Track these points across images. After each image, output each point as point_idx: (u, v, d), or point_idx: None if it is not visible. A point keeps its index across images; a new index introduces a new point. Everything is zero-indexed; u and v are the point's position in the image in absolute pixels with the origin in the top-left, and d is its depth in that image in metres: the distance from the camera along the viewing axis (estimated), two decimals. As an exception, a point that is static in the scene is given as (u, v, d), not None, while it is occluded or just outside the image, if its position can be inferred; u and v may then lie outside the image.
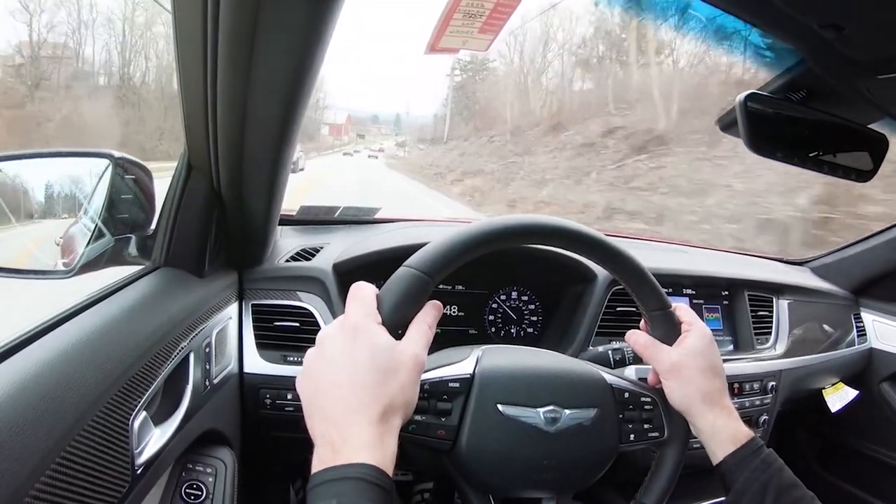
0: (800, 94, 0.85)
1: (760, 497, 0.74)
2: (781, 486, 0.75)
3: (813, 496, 0.75)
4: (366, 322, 0.63)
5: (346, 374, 0.60)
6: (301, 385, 0.64)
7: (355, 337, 0.62)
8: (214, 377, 0.96)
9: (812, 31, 0.65)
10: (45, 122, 18.28)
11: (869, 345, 1.77)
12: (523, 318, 1.46)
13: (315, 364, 0.63)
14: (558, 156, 17.67)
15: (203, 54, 0.73)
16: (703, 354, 0.80)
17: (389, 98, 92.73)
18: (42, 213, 0.88)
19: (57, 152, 0.93)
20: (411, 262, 0.70)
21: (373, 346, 0.62)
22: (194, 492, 0.87)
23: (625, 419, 0.82)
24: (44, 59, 20.91)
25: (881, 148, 0.89)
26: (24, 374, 0.57)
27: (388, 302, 0.67)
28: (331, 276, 1.23)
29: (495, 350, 0.84)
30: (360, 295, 0.66)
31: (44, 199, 0.90)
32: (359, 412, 0.59)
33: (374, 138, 54.98)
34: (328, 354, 0.62)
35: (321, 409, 0.60)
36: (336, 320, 0.65)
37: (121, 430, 0.65)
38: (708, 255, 1.85)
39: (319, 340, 0.64)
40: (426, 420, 0.76)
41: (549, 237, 0.78)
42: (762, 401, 1.42)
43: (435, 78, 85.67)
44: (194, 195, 0.95)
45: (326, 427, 0.59)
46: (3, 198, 0.87)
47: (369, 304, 0.66)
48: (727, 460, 0.78)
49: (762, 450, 0.77)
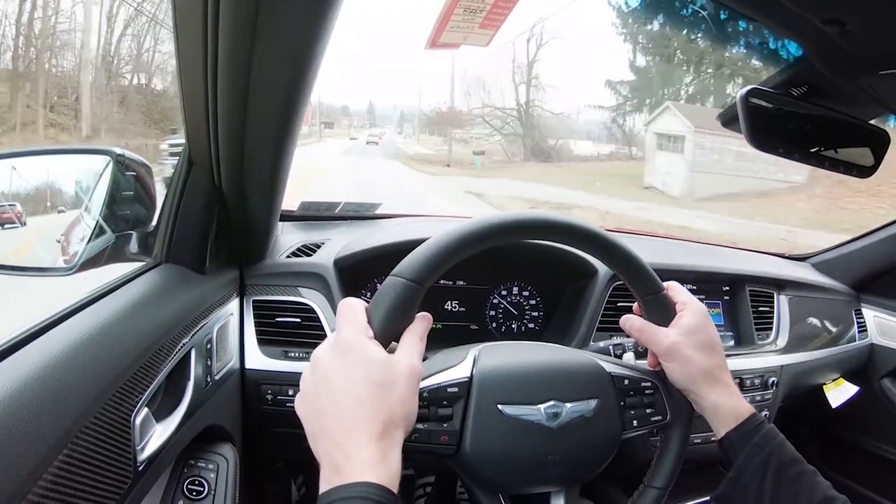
0: (801, 90, 0.84)
1: (762, 472, 0.74)
2: (783, 460, 0.75)
3: (814, 470, 0.75)
4: (357, 338, 0.62)
5: (342, 392, 0.60)
6: (300, 408, 0.63)
7: (348, 354, 0.61)
8: (216, 373, 0.96)
9: (814, 27, 0.65)
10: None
11: (870, 340, 1.77)
12: (524, 314, 1.46)
13: (311, 385, 0.63)
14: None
15: (203, 49, 0.73)
16: (699, 331, 0.80)
17: (359, 90, 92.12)
18: (44, 210, 0.89)
19: (58, 149, 0.93)
20: (398, 270, 0.68)
21: (367, 361, 0.61)
22: (196, 488, 0.87)
23: (626, 406, 0.82)
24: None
25: (883, 143, 0.89)
26: (26, 371, 0.57)
27: (378, 314, 0.66)
28: (332, 272, 1.23)
29: (491, 349, 0.84)
30: (350, 311, 0.65)
31: (46, 197, 0.90)
32: (359, 430, 0.58)
33: (343, 130, 54.33)
34: (323, 374, 0.61)
35: (322, 430, 0.60)
36: (327, 339, 0.65)
37: (123, 427, 0.65)
38: (709, 251, 1.85)
39: (313, 361, 0.63)
40: (428, 428, 0.75)
41: (535, 232, 0.77)
42: (763, 396, 1.42)
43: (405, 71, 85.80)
44: (195, 191, 0.95)
45: (328, 447, 0.58)
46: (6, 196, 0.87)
47: (360, 320, 0.65)
48: (729, 436, 0.78)
49: (763, 425, 0.77)
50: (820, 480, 0.74)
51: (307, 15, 0.67)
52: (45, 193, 0.90)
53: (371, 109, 65.08)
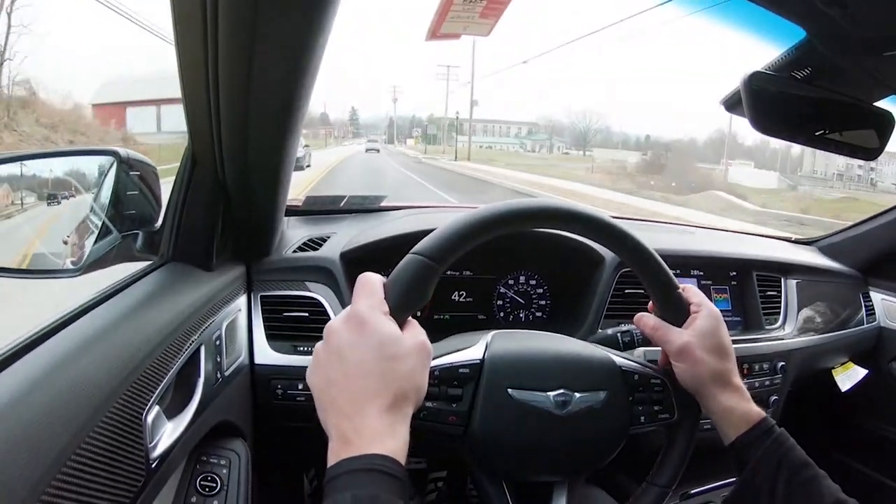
0: (804, 73, 0.84)
1: (773, 476, 0.74)
2: (794, 465, 0.75)
3: (824, 474, 0.75)
4: (372, 313, 0.63)
5: (354, 365, 0.60)
6: (311, 379, 0.64)
7: (363, 328, 0.62)
8: (226, 369, 0.96)
9: (816, 9, 0.64)
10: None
11: (878, 324, 1.76)
12: (532, 303, 1.47)
13: (324, 357, 0.63)
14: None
15: (204, 46, 0.73)
16: (712, 335, 0.80)
17: (340, 99, 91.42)
18: (49, 211, 0.89)
19: (63, 151, 0.94)
20: (418, 248, 0.69)
21: (381, 335, 0.61)
22: (209, 484, 0.88)
23: (635, 401, 0.82)
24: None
25: (887, 125, 0.88)
26: (38, 372, 0.57)
27: (395, 290, 0.66)
28: (339, 265, 1.23)
29: (504, 335, 0.84)
30: (367, 285, 0.66)
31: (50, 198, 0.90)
32: (369, 402, 0.59)
33: (320, 141, 52.45)
34: (336, 347, 0.62)
35: (332, 402, 0.60)
36: (343, 312, 0.65)
37: (134, 425, 0.65)
38: (715, 236, 1.85)
39: (327, 333, 0.64)
40: (437, 406, 0.76)
41: (555, 220, 0.78)
42: (772, 381, 1.41)
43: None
44: (200, 189, 0.95)
45: (338, 419, 0.59)
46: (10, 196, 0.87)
47: (376, 295, 0.65)
48: (739, 440, 0.78)
49: (774, 429, 0.77)
50: (830, 484, 0.74)
51: (307, 11, 0.66)
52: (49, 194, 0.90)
53: (354, 117, 63.51)
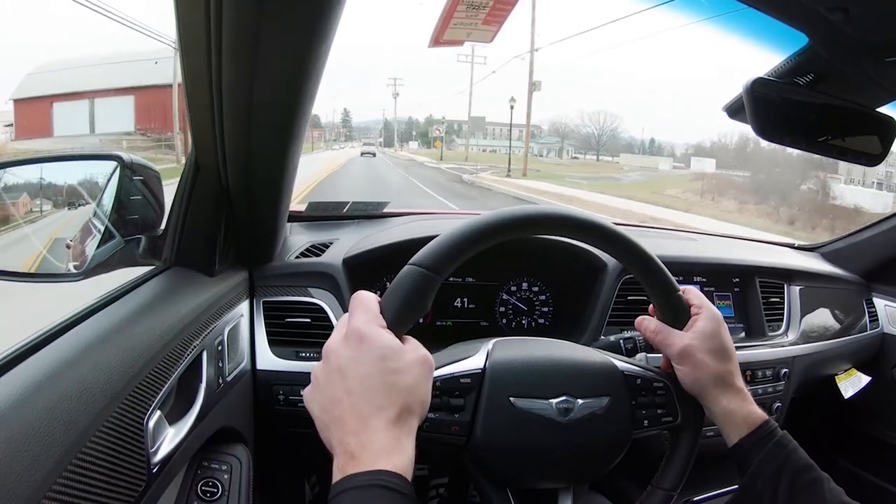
0: (807, 78, 0.84)
1: (776, 479, 0.74)
2: (796, 468, 0.75)
3: (827, 477, 0.75)
4: (370, 327, 0.62)
5: (357, 380, 0.60)
6: (311, 399, 0.63)
7: (362, 343, 0.61)
8: (227, 375, 0.96)
9: (818, 14, 0.64)
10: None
11: (881, 330, 1.75)
12: (534, 310, 1.46)
13: (324, 376, 0.62)
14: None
15: (207, 53, 0.73)
16: (713, 337, 0.80)
17: (330, 100, 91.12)
18: (51, 215, 0.89)
19: (65, 156, 0.94)
20: (416, 259, 0.68)
21: (381, 348, 0.61)
22: (210, 489, 0.88)
23: (638, 405, 0.82)
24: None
25: (890, 131, 0.88)
26: (40, 375, 0.57)
27: (393, 303, 0.65)
28: (341, 271, 1.23)
29: (505, 343, 0.84)
30: (361, 302, 0.65)
31: (53, 202, 0.90)
32: (374, 416, 0.58)
33: (307, 144, 51.91)
34: (337, 365, 0.61)
35: (336, 420, 0.59)
36: (338, 331, 0.64)
37: (136, 430, 0.65)
38: (718, 243, 1.84)
39: (325, 353, 0.63)
40: (440, 417, 0.76)
41: (555, 227, 0.77)
42: (775, 388, 1.41)
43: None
44: (203, 194, 0.95)
45: (343, 435, 0.58)
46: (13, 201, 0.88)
47: (372, 310, 0.64)
48: (742, 443, 0.78)
49: (776, 432, 0.77)
50: (833, 487, 0.74)
51: (310, 17, 0.67)
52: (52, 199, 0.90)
53: (347, 119, 62.61)
